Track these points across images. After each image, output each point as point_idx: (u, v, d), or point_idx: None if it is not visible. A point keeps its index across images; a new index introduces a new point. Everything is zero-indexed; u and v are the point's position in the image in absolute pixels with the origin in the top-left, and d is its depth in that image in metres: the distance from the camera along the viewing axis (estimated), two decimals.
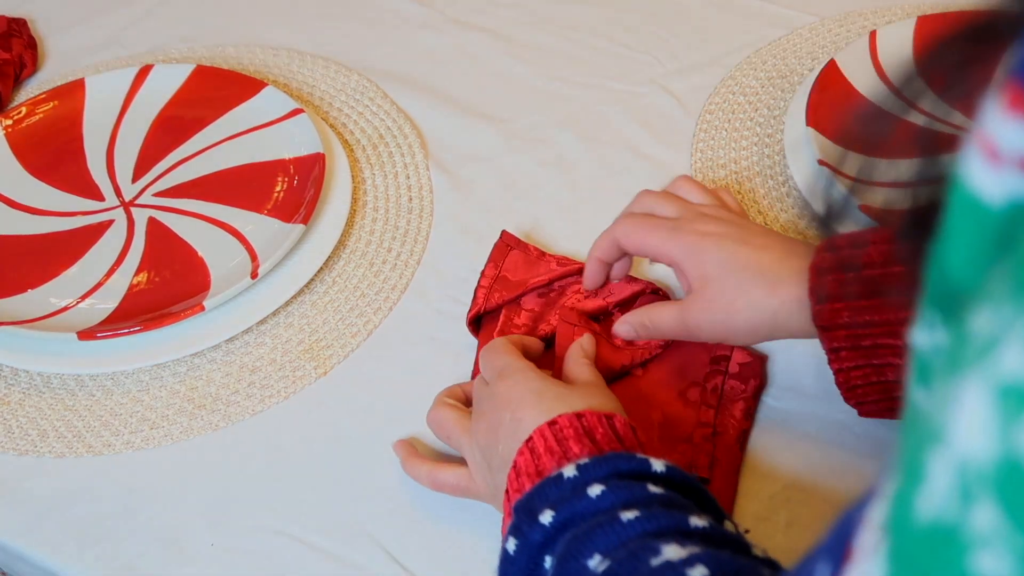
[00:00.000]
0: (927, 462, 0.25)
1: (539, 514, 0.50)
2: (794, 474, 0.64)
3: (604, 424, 0.55)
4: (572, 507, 0.49)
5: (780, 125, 0.85)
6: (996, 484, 0.23)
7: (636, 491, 0.49)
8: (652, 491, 0.50)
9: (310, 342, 0.73)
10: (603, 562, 0.46)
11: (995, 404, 0.23)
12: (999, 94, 0.26)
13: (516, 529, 0.51)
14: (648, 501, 0.49)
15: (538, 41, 0.95)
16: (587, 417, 0.55)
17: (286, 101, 0.85)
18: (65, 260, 0.77)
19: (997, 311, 0.24)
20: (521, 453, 0.54)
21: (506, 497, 0.55)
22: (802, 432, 0.66)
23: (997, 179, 0.26)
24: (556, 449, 0.53)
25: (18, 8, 1.00)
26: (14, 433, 0.69)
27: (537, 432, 0.54)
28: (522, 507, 0.51)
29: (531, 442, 0.54)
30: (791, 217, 0.78)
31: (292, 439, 0.68)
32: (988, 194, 0.26)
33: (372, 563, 0.61)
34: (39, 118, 0.87)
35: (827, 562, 0.31)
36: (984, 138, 0.26)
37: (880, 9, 0.95)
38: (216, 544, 0.63)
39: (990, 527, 0.23)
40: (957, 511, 0.24)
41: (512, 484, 0.54)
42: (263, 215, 0.79)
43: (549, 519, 0.50)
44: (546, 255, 0.74)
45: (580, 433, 0.54)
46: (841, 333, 0.58)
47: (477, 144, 0.86)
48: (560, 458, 0.53)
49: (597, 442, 0.54)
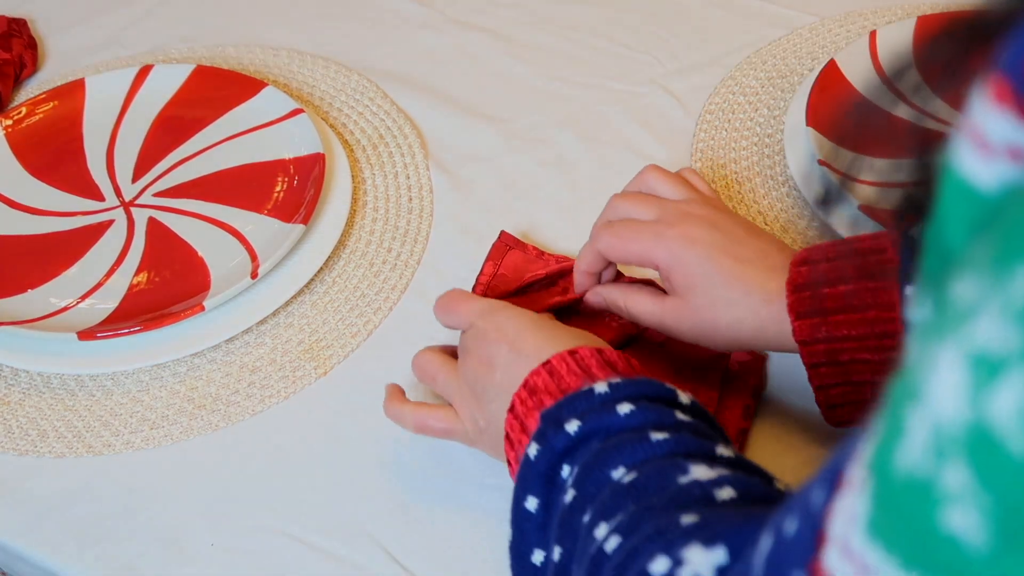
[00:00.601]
0: (907, 417, 0.26)
1: (565, 423, 0.51)
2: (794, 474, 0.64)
3: (624, 361, 0.56)
4: (600, 420, 0.50)
5: (780, 125, 0.85)
6: (967, 447, 0.24)
7: (665, 415, 0.50)
8: (680, 418, 0.51)
9: (310, 342, 0.73)
10: (628, 474, 0.47)
11: (968, 371, 0.24)
12: (985, 87, 0.27)
13: (541, 435, 0.51)
14: (677, 426, 0.50)
15: (538, 41, 0.95)
16: (606, 352, 0.56)
17: (286, 101, 0.85)
18: (65, 260, 0.77)
19: (976, 281, 0.25)
20: (537, 374, 0.55)
21: (509, 422, 0.55)
22: (802, 432, 0.66)
23: (988, 167, 0.27)
24: (580, 372, 0.54)
25: (18, 8, 1.00)
26: (14, 433, 0.69)
27: (557, 357, 0.55)
28: (549, 416, 0.52)
29: (549, 365, 0.55)
30: (791, 217, 0.78)
31: (292, 439, 0.68)
32: (980, 181, 0.27)
33: (372, 563, 0.61)
34: (39, 118, 0.87)
35: (822, 488, 0.32)
36: (973, 129, 0.27)
37: (880, 9, 0.95)
38: (216, 544, 0.63)
39: (960, 486, 0.25)
40: (932, 467, 0.25)
41: (525, 403, 0.54)
42: (263, 215, 0.79)
43: (575, 428, 0.50)
44: (545, 254, 0.74)
45: (603, 363, 0.55)
46: (820, 348, 0.58)
47: (477, 144, 0.86)
48: (585, 379, 0.53)
49: (620, 373, 0.54)
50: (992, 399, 0.24)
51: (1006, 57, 0.27)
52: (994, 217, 0.26)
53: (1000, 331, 0.24)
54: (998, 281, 0.24)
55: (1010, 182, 0.26)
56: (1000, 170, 0.26)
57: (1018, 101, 0.26)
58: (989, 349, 0.24)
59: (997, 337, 0.24)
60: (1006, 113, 0.26)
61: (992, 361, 0.24)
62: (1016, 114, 0.26)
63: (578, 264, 0.67)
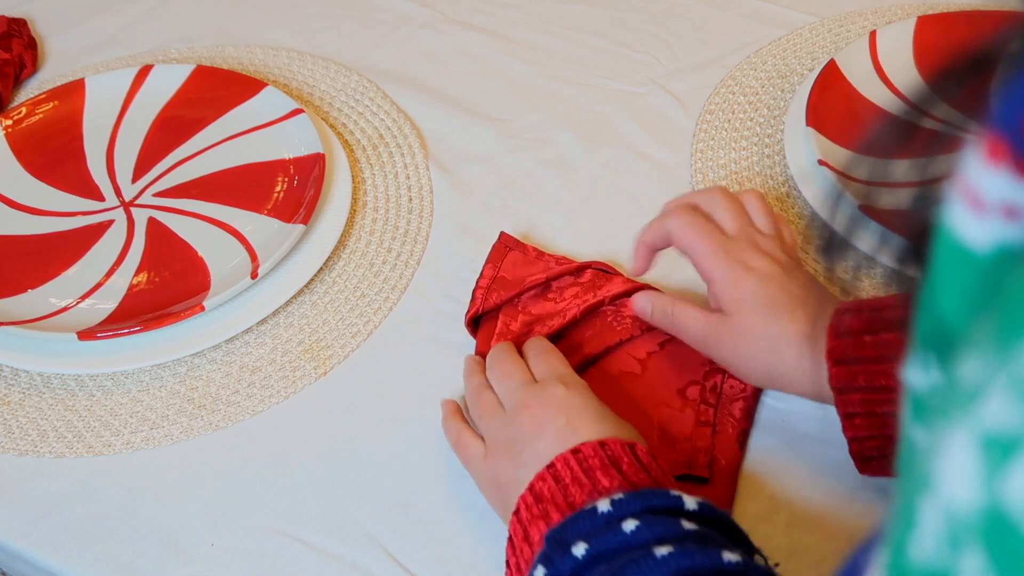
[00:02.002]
0: (919, 508, 0.25)
1: (572, 546, 0.50)
2: (794, 474, 0.64)
3: (628, 454, 0.55)
4: (606, 541, 0.49)
5: (780, 125, 0.85)
6: (982, 533, 0.23)
7: (670, 527, 0.49)
8: (686, 527, 0.49)
9: (310, 342, 0.73)
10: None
11: (979, 454, 0.24)
12: (979, 143, 0.26)
13: (547, 559, 0.50)
14: (682, 537, 0.49)
15: (538, 41, 0.95)
16: (610, 446, 0.55)
17: (286, 101, 0.85)
18: (65, 260, 0.77)
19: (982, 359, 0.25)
20: (543, 479, 0.54)
21: (516, 514, 0.54)
22: (802, 432, 0.66)
23: (981, 227, 0.26)
24: (584, 480, 0.53)
25: (18, 8, 1.00)
26: (14, 433, 0.69)
27: (560, 460, 0.54)
28: (554, 538, 0.51)
29: (554, 469, 0.54)
30: (791, 217, 0.78)
31: (292, 439, 0.68)
32: (974, 241, 0.26)
33: (372, 563, 0.61)
34: (39, 118, 0.87)
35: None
36: (967, 186, 0.26)
37: (880, 9, 0.95)
38: (216, 544, 0.63)
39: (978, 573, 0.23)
40: (947, 558, 0.24)
41: (531, 509, 0.54)
42: (263, 215, 0.79)
43: (582, 552, 0.49)
44: (545, 255, 0.74)
45: (606, 463, 0.54)
46: (856, 397, 0.57)
47: (477, 144, 0.86)
48: (591, 491, 0.53)
49: (624, 473, 0.53)
50: (1006, 480, 0.23)
51: (1000, 112, 0.26)
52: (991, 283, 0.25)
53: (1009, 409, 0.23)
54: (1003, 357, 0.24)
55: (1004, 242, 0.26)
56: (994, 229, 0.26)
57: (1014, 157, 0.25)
58: (1000, 429, 0.23)
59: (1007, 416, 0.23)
60: (1001, 170, 0.26)
61: (1003, 441, 0.23)
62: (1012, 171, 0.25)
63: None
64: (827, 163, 0.76)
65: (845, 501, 0.62)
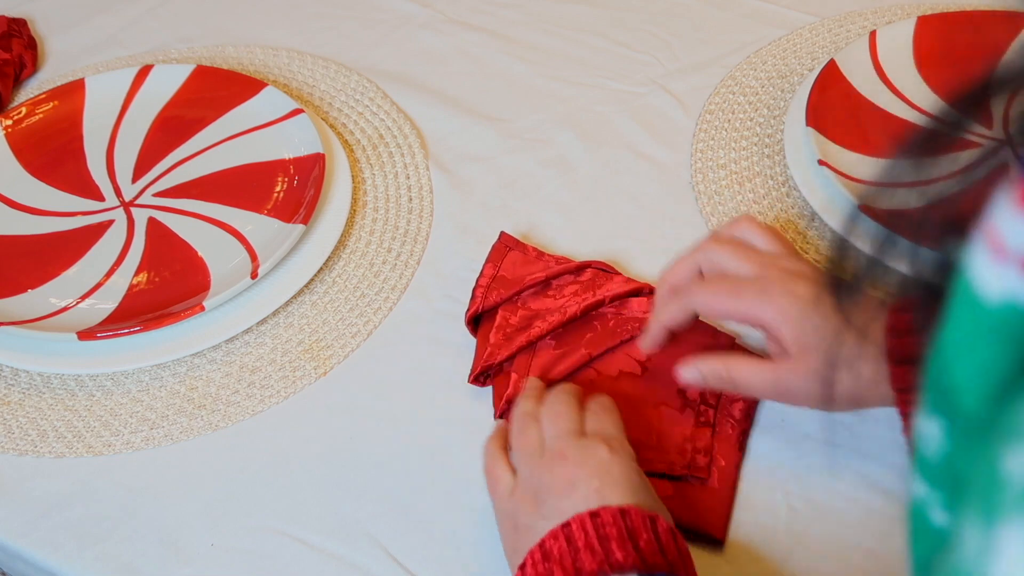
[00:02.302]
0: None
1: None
2: (794, 474, 0.64)
3: (649, 529, 0.52)
4: None
5: (780, 125, 0.85)
6: None
7: None
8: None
9: (310, 342, 0.73)
10: None
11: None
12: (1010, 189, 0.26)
13: None
14: None
15: (538, 41, 0.95)
16: (632, 516, 0.52)
17: (286, 101, 0.85)
18: (65, 260, 0.77)
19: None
20: (555, 537, 0.52)
21: (522, 569, 0.53)
22: (802, 432, 0.66)
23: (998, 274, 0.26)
24: (598, 549, 0.51)
25: (18, 8, 1.00)
26: (14, 433, 0.69)
27: (577, 521, 0.52)
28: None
29: (568, 529, 0.52)
30: (791, 217, 0.78)
31: (292, 439, 0.68)
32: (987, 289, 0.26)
33: (372, 563, 0.61)
34: (39, 118, 0.87)
35: None
36: (992, 232, 0.26)
37: (880, 9, 0.95)
38: (216, 544, 0.63)
39: None
40: None
41: (537, 566, 0.52)
42: (263, 215, 0.79)
43: None
44: (544, 255, 0.74)
45: (624, 535, 0.51)
46: None
47: (477, 144, 0.86)
48: (602, 561, 0.50)
49: (641, 550, 0.51)
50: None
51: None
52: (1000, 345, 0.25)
53: None
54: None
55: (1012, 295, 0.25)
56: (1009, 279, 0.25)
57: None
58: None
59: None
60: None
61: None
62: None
63: (660, 315, 0.63)
64: (827, 163, 0.76)
65: (845, 501, 0.62)
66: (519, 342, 0.68)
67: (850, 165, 0.77)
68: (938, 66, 0.85)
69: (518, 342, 0.68)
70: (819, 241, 0.76)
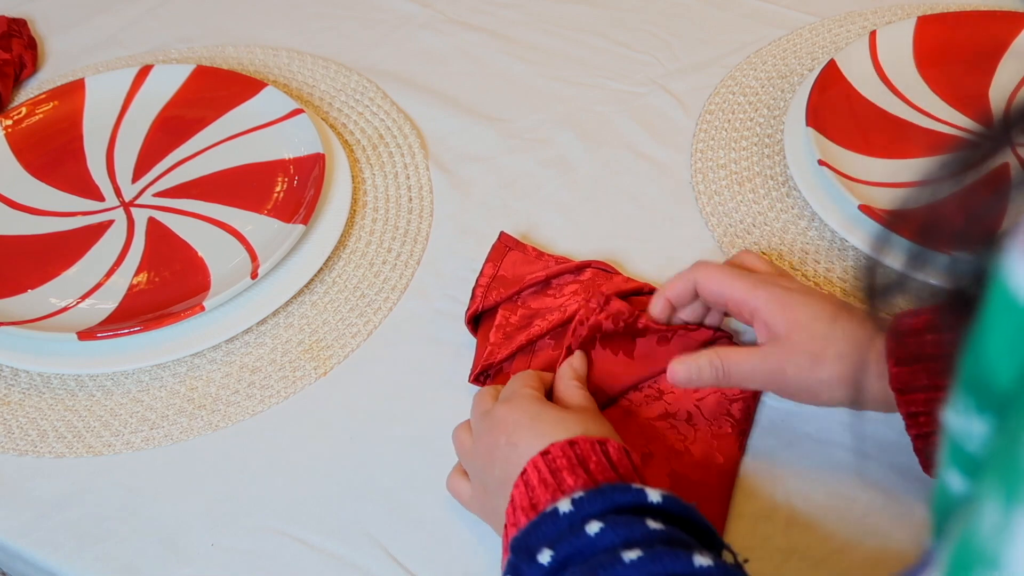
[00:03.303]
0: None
1: (537, 553, 0.49)
2: (794, 474, 0.64)
3: (597, 451, 0.54)
4: (571, 545, 0.48)
5: (780, 125, 0.85)
6: None
7: (636, 528, 0.48)
8: (652, 527, 0.48)
9: (310, 342, 0.73)
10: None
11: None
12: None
13: (514, 568, 0.50)
14: (649, 540, 0.48)
15: (538, 41, 0.95)
16: (579, 444, 0.54)
17: (286, 101, 0.85)
18: (65, 260, 0.77)
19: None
20: (516, 486, 0.54)
21: (504, 531, 0.54)
22: (802, 432, 0.66)
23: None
24: (550, 481, 0.53)
25: (18, 8, 1.00)
26: (14, 433, 0.69)
27: (531, 464, 0.54)
28: (519, 545, 0.50)
29: (525, 475, 0.54)
30: (791, 217, 0.78)
31: (292, 439, 0.68)
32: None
33: (372, 563, 0.61)
34: (39, 118, 0.87)
35: None
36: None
37: (880, 9, 0.95)
38: (216, 544, 0.63)
39: None
40: None
41: (509, 518, 0.53)
42: (263, 215, 0.79)
43: (548, 559, 0.48)
44: (544, 255, 0.74)
45: (574, 463, 0.53)
46: (919, 397, 0.56)
47: (477, 144, 0.86)
48: (555, 490, 0.52)
49: (591, 472, 0.53)
50: None
51: None
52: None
53: None
54: None
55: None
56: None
57: None
58: None
59: None
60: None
61: None
62: None
63: (664, 289, 0.66)
64: (827, 163, 0.76)
65: (845, 501, 0.62)
66: (519, 341, 0.68)
67: (850, 165, 0.77)
68: (938, 66, 0.85)
69: (518, 341, 0.68)
70: (819, 241, 0.76)
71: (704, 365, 0.61)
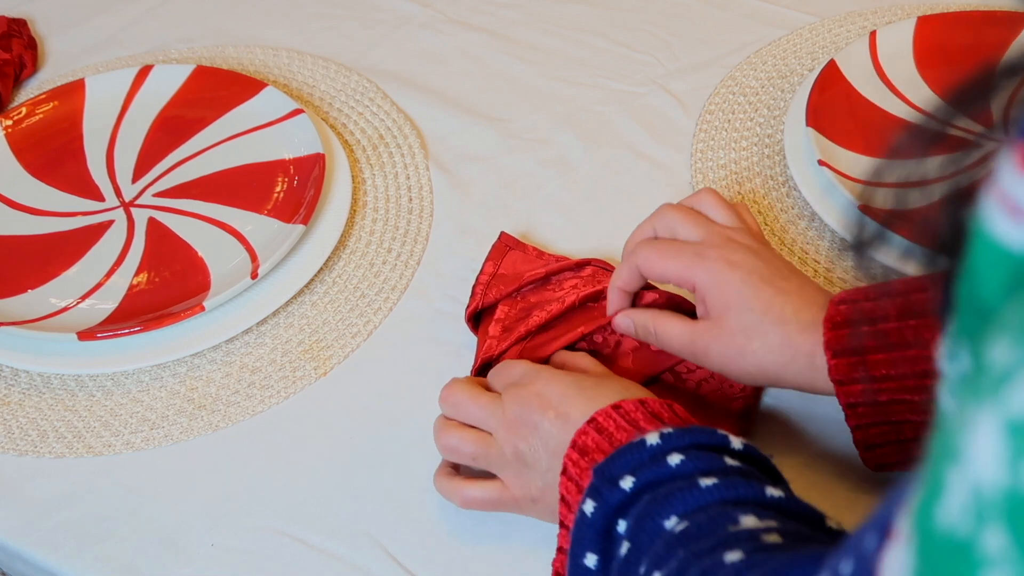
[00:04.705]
0: (947, 475, 0.26)
1: (619, 479, 0.51)
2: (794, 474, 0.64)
3: (668, 410, 0.56)
4: (652, 472, 0.50)
5: (780, 125, 0.85)
6: (1005, 512, 0.24)
7: (714, 461, 0.50)
8: (729, 463, 0.51)
9: (310, 342, 0.73)
10: (680, 523, 0.48)
11: (1005, 437, 0.24)
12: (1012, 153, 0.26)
13: (595, 491, 0.51)
14: (725, 470, 0.50)
15: (538, 41, 0.95)
16: (650, 403, 0.56)
17: (286, 101, 0.85)
18: (65, 260, 0.77)
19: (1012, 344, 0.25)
20: (585, 433, 0.54)
21: (563, 485, 0.54)
22: (802, 432, 0.66)
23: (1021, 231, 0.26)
24: (629, 428, 0.54)
25: (18, 8, 1.00)
26: (14, 433, 0.69)
27: (602, 414, 0.55)
28: (602, 471, 0.52)
29: (595, 423, 0.54)
30: (791, 217, 0.78)
31: (292, 439, 0.68)
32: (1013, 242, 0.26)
33: (372, 563, 0.61)
34: (39, 118, 0.87)
35: (874, 534, 0.32)
36: (1003, 195, 0.27)
37: (880, 9, 0.95)
38: (216, 544, 0.63)
39: (999, 550, 0.24)
40: (971, 529, 0.25)
41: (578, 464, 0.54)
42: (263, 215, 0.79)
43: (630, 484, 0.50)
44: (545, 254, 0.74)
45: (648, 416, 0.55)
46: (857, 388, 0.57)
47: (477, 144, 0.86)
48: (637, 435, 0.53)
49: (666, 424, 0.54)
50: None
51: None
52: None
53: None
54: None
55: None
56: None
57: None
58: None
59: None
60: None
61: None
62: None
63: (614, 280, 0.66)
64: (827, 163, 0.76)
65: (845, 501, 0.62)
66: (518, 332, 0.68)
67: (850, 165, 0.77)
68: (938, 66, 0.85)
69: (517, 332, 0.68)
70: (819, 241, 0.76)
71: (639, 326, 0.65)
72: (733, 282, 0.60)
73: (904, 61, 0.86)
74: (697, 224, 0.64)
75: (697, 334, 0.62)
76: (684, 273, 0.62)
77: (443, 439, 0.61)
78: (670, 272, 0.63)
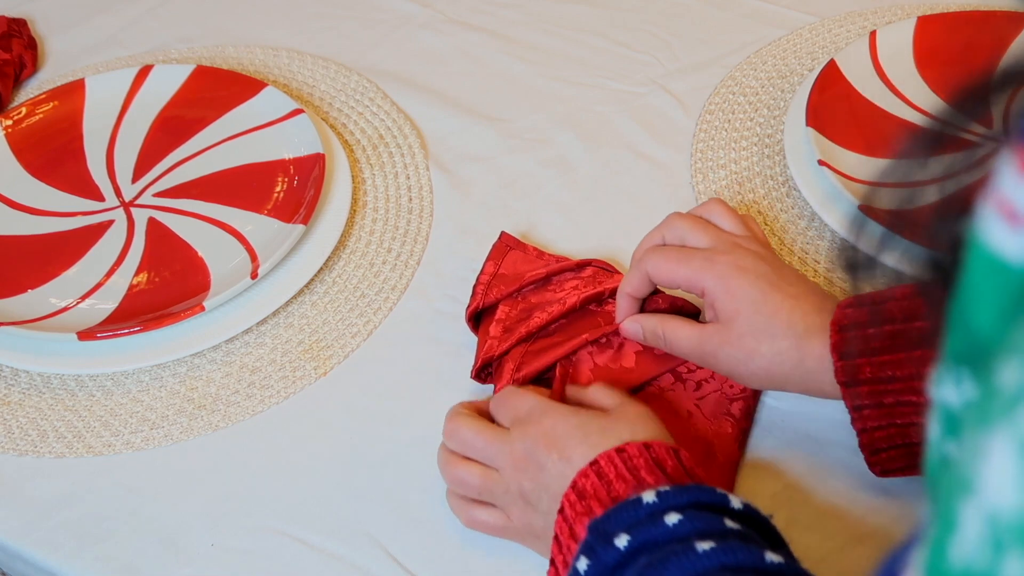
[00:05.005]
0: (959, 511, 0.25)
1: (614, 537, 0.50)
2: (794, 474, 0.64)
3: (673, 457, 0.55)
4: (648, 532, 0.49)
5: (780, 125, 0.85)
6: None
7: (712, 523, 0.49)
8: (728, 525, 0.50)
9: (310, 342, 0.73)
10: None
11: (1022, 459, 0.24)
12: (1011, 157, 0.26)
13: (589, 549, 0.50)
14: (724, 533, 0.49)
15: (538, 41, 0.95)
16: (655, 448, 0.55)
17: (286, 101, 0.85)
18: (65, 260, 0.77)
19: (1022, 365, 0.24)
20: (586, 475, 0.54)
21: (558, 524, 0.54)
22: (802, 432, 0.66)
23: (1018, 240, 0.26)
24: (629, 477, 0.53)
25: (18, 8, 1.00)
26: (14, 433, 0.69)
27: (604, 457, 0.54)
28: (597, 528, 0.51)
29: (597, 466, 0.54)
30: (791, 217, 0.78)
31: (292, 439, 0.68)
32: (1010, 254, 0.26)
33: (372, 563, 0.61)
34: (39, 118, 0.87)
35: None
36: (1002, 200, 0.26)
37: (880, 9, 0.95)
38: (216, 544, 0.63)
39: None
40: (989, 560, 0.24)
41: (575, 507, 0.53)
42: (263, 215, 0.79)
43: (624, 543, 0.49)
44: (545, 254, 0.74)
45: (651, 464, 0.54)
46: (863, 390, 0.57)
47: (477, 144, 0.86)
48: (635, 487, 0.52)
49: (669, 475, 0.53)
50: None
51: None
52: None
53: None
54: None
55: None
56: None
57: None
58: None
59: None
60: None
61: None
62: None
63: (623, 287, 0.66)
64: (827, 163, 0.76)
65: (845, 501, 0.62)
66: (519, 333, 0.68)
67: (850, 165, 0.77)
68: (938, 66, 0.85)
69: (518, 333, 0.68)
70: (819, 241, 0.76)
71: (648, 331, 0.65)
72: (743, 286, 0.60)
73: (904, 61, 0.86)
74: (706, 232, 0.64)
75: (706, 338, 0.62)
76: (694, 278, 0.62)
77: (449, 472, 0.61)
78: (680, 277, 0.63)
